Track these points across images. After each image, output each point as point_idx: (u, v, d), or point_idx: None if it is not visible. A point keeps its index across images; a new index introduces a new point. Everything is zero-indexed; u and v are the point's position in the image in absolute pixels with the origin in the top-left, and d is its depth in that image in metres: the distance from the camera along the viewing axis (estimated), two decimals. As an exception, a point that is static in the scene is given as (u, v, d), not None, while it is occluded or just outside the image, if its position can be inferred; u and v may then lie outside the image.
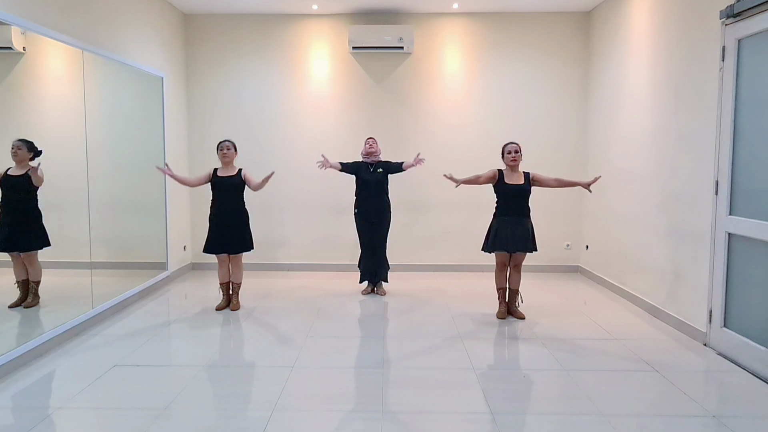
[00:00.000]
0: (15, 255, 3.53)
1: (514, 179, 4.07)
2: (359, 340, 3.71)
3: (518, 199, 4.07)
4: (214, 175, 4.32)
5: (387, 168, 4.77)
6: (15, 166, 3.49)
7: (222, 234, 4.27)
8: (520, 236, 4.04)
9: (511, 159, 4.05)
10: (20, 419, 2.55)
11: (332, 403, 2.74)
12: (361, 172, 4.75)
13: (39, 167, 3.50)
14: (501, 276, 4.24)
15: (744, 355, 3.23)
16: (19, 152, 3.46)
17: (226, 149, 4.31)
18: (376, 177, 4.72)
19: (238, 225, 4.31)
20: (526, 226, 4.09)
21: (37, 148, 3.54)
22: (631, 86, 4.71)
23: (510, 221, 4.05)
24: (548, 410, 2.66)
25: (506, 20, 5.73)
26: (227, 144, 4.34)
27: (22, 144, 3.49)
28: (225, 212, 4.28)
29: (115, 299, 4.31)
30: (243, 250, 4.35)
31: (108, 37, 4.31)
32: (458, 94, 5.81)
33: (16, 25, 3.22)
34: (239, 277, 4.45)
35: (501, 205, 4.13)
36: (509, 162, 4.08)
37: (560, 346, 3.58)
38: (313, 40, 5.79)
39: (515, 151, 4.05)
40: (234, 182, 4.29)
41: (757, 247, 3.14)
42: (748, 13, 3.19)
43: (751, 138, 3.21)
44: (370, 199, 4.73)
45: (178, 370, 3.16)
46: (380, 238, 4.82)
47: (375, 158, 4.77)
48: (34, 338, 3.32)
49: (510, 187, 4.05)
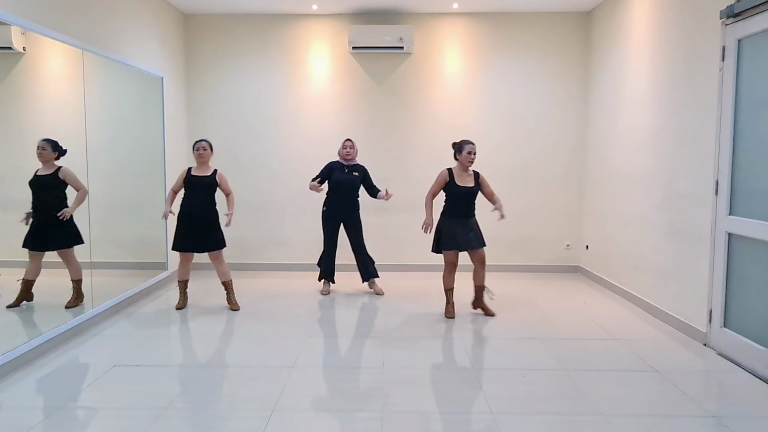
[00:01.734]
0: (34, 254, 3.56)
1: (465, 180, 4.09)
2: (359, 340, 3.71)
3: (468, 200, 4.12)
4: (188, 174, 4.35)
5: (364, 178, 4.85)
6: (42, 167, 3.59)
7: (193, 233, 4.28)
8: (473, 234, 4.11)
9: (470, 160, 4.06)
10: (20, 419, 2.55)
11: (332, 403, 2.74)
12: (335, 172, 4.80)
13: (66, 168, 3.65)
14: (451, 277, 4.25)
15: (744, 355, 3.23)
16: (43, 152, 3.58)
17: (202, 149, 4.33)
18: (350, 179, 4.78)
19: (210, 224, 4.32)
20: (475, 224, 4.17)
21: (61, 147, 3.61)
22: (631, 86, 4.71)
23: (460, 222, 4.10)
24: (548, 410, 2.66)
25: (506, 20, 5.73)
26: (203, 144, 4.35)
27: (46, 144, 3.59)
28: (197, 211, 4.28)
29: (115, 299, 4.31)
30: (217, 248, 4.35)
31: (108, 37, 4.31)
32: (458, 94, 5.81)
33: (16, 25, 3.22)
34: (226, 274, 4.45)
35: (451, 206, 4.13)
36: (467, 162, 4.06)
37: (560, 346, 3.58)
38: (313, 40, 5.79)
39: (474, 152, 4.07)
40: (209, 182, 4.32)
41: (757, 247, 3.14)
42: (748, 13, 3.19)
43: (751, 138, 3.21)
44: (342, 199, 4.79)
45: (178, 370, 3.16)
46: (358, 238, 4.87)
47: (351, 161, 4.83)
48: (34, 338, 3.32)
49: (461, 189, 4.07)
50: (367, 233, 5.88)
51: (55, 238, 3.69)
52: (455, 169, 4.12)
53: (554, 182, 5.87)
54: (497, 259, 5.93)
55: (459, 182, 4.07)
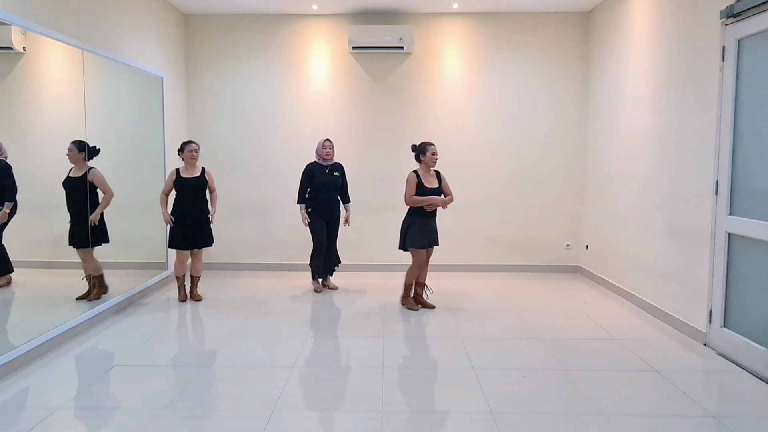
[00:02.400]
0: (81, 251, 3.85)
1: (430, 181, 4.26)
2: (359, 339, 3.71)
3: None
4: (178, 176, 4.51)
5: (343, 179, 4.99)
6: (74, 168, 3.78)
7: (187, 231, 4.51)
8: (434, 233, 4.36)
9: (435, 160, 4.23)
10: (20, 419, 2.55)
11: (332, 403, 2.74)
12: (316, 174, 4.87)
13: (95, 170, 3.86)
14: (419, 272, 4.39)
15: (744, 355, 3.23)
16: (70, 154, 3.74)
17: (195, 151, 4.54)
18: (332, 179, 4.89)
19: (202, 222, 4.58)
20: (435, 223, 4.38)
21: (88, 146, 3.72)
22: (631, 86, 4.71)
23: (427, 221, 4.28)
24: (548, 410, 2.66)
25: (506, 20, 5.73)
26: (195, 146, 4.56)
27: (73, 146, 3.75)
28: (190, 211, 4.52)
29: (115, 299, 4.31)
30: (207, 245, 4.66)
31: (108, 37, 4.31)
32: (458, 94, 5.81)
33: (16, 25, 3.22)
34: (200, 270, 4.75)
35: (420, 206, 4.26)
36: (432, 162, 4.23)
37: (560, 346, 3.58)
38: (313, 40, 5.79)
39: (437, 152, 4.25)
40: (200, 183, 4.57)
41: (757, 247, 3.14)
42: (748, 13, 3.19)
43: (751, 138, 3.21)
44: (326, 199, 4.89)
45: (178, 370, 3.16)
46: (334, 236, 5.03)
47: (330, 161, 4.91)
48: (35, 338, 3.32)
49: (428, 190, 4.23)
50: (363, 233, 5.90)
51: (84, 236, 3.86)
52: (420, 171, 4.27)
53: (554, 182, 5.87)
54: (497, 259, 5.93)
55: (426, 184, 4.23)
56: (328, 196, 4.90)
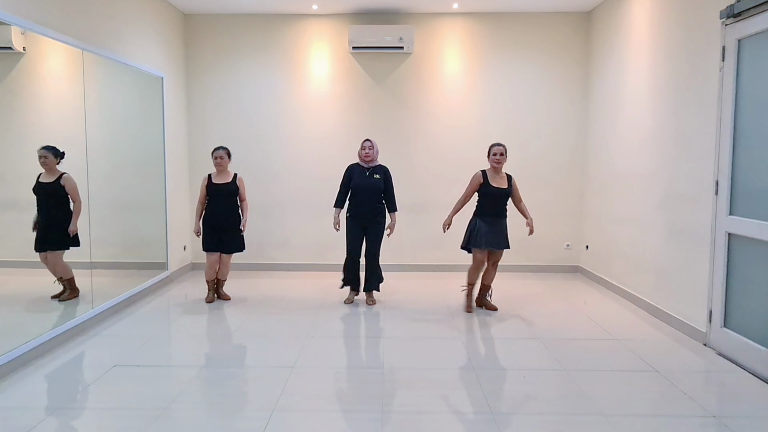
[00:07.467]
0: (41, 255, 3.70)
1: (498, 181, 4.25)
2: (359, 340, 3.71)
3: (500, 201, 4.27)
4: (210, 181, 4.51)
5: (385, 181, 4.49)
6: (45, 173, 3.62)
7: (218, 235, 4.51)
8: (501, 235, 4.27)
9: (496, 160, 4.22)
10: (20, 419, 2.55)
11: (332, 403, 2.74)
12: (355, 175, 4.48)
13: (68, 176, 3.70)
14: (477, 273, 4.38)
15: (744, 355, 3.23)
16: (46, 161, 3.60)
17: (219, 158, 4.49)
18: (371, 182, 4.44)
19: (233, 227, 4.55)
20: (504, 225, 4.31)
21: (59, 150, 3.65)
22: (631, 86, 4.71)
23: (491, 221, 4.25)
24: (548, 410, 2.66)
25: (506, 20, 5.73)
26: (221, 153, 4.50)
27: (47, 152, 3.61)
28: (221, 216, 4.51)
29: (115, 299, 4.31)
30: (238, 250, 4.64)
31: (108, 37, 4.31)
32: (458, 94, 5.81)
33: (16, 25, 3.22)
34: (225, 274, 4.73)
35: (483, 205, 4.29)
36: (494, 163, 4.23)
37: (560, 346, 3.58)
38: (313, 40, 5.79)
39: (501, 153, 4.23)
40: (231, 189, 4.52)
41: (757, 247, 3.14)
42: (748, 13, 3.19)
43: (751, 138, 3.21)
44: (364, 203, 4.44)
45: (178, 370, 3.16)
46: (373, 246, 4.54)
47: (371, 162, 4.51)
48: (35, 338, 3.32)
49: (495, 190, 4.22)
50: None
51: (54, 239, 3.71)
52: (489, 171, 4.28)
53: (554, 182, 5.87)
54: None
55: (493, 183, 4.23)
56: (366, 199, 4.43)
